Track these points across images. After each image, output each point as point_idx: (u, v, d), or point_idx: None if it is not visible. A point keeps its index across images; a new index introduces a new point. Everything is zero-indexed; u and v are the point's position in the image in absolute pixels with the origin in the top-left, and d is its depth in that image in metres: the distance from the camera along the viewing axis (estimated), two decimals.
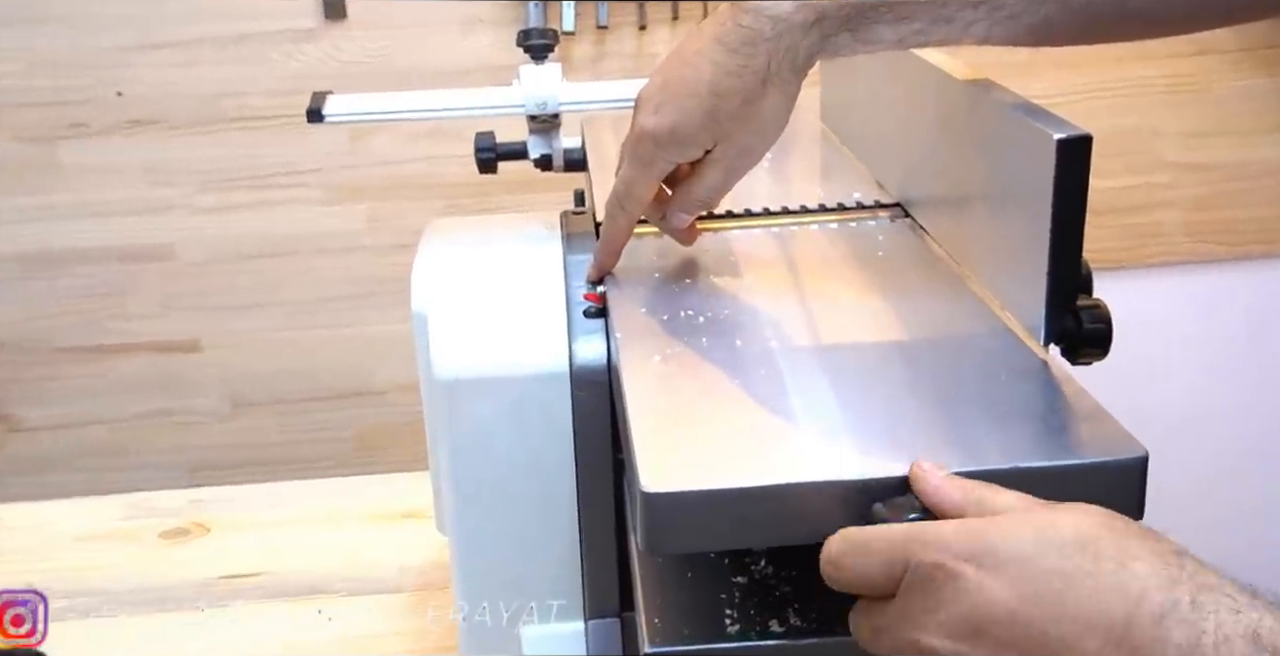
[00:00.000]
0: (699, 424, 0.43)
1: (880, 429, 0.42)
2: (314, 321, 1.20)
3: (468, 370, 0.54)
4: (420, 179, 1.15)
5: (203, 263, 1.17)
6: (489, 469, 0.56)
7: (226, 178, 1.15)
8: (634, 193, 0.53)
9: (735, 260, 0.59)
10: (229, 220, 1.16)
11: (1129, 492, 0.39)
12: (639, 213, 0.55)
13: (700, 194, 0.53)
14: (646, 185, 0.53)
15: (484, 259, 0.61)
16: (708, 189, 0.53)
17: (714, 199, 0.54)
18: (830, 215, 0.64)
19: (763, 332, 0.50)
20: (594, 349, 0.54)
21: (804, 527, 0.39)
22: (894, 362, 0.47)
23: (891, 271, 0.56)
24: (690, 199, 0.54)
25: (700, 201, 0.54)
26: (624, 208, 0.54)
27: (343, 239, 1.17)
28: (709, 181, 0.53)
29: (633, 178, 0.53)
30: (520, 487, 0.56)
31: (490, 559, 0.57)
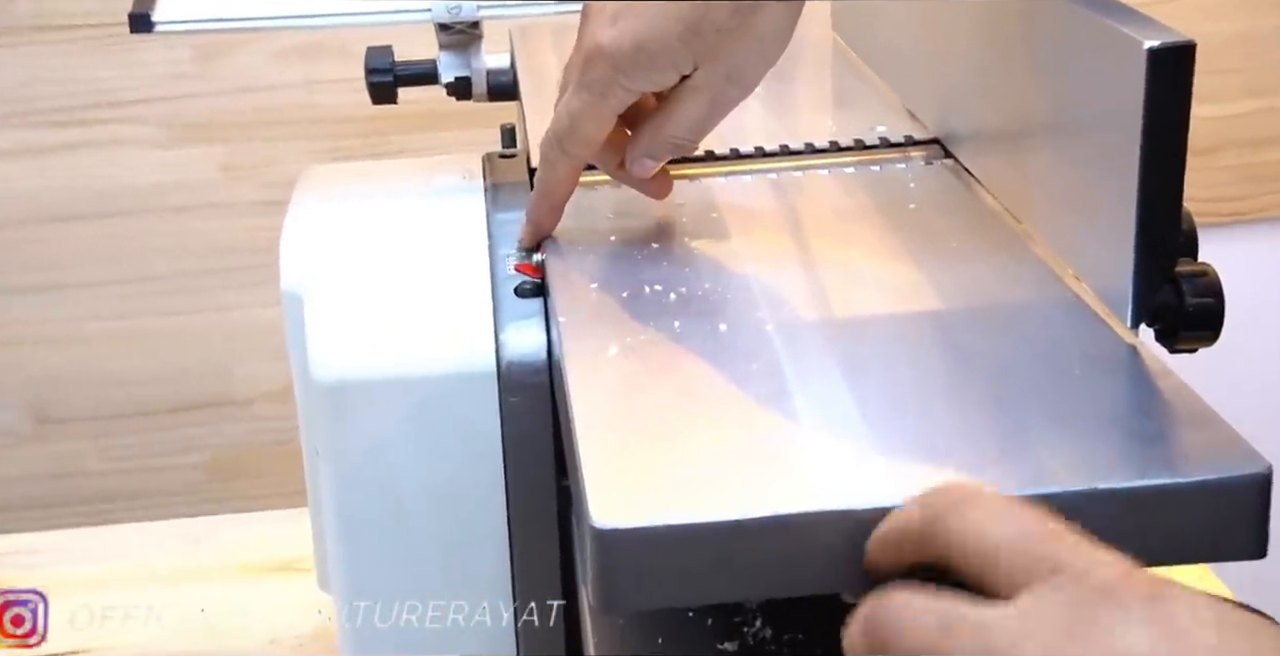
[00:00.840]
0: (669, 437, 0.43)
1: (911, 440, 0.42)
2: (148, 306, 1.19)
3: (356, 369, 0.54)
4: (293, 112, 1.14)
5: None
6: (387, 503, 0.55)
7: (23, 110, 1.13)
8: (581, 131, 0.53)
9: (719, 217, 0.59)
10: (26, 169, 1.14)
11: (1247, 520, 0.39)
12: (586, 157, 0.54)
13: (674, 132, 0.53)
14: (598, 121, 0.52)
15: (378, 219, 0.61)
16: (684, 126, 0.53)
17: (692, 139, 0.54)
18: (846, 156, 0.64)
19: (756, 313, 0.50)
20: (529, 339, 0.54)
21: (812, 575, 0.39)
22: (930, 350, 0.48)
23: (927, 229, 0.56)
24: (660, 139, 0.53)
25: (673, 143, 0.54)
26: (566, 150, 0.54)
27: (187, 193, 1.16)
28: (686, 116, 0.52)
29: (580, 111, 0.52)
30: (430, 528, 0.56)
31: (390, 626, 0.57)
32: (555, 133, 0.54)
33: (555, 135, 0.54)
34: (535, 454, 0.54)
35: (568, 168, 0.54)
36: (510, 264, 0.56)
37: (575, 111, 0.52)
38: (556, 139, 0.54)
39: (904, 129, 0.65)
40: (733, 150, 0.64)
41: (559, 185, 0.55)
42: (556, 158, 0.54)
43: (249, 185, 1.12)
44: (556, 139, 0.54)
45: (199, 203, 1.13)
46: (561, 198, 0.56)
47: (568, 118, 0.53)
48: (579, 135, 0.53)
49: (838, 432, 0.43)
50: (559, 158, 0.54)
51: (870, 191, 0.61)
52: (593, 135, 0.53)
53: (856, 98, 0.72)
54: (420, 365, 0.54)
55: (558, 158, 0.54)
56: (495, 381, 0.54)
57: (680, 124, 0.52)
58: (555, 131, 0.54)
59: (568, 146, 0.53)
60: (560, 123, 0.53)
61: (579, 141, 0.53)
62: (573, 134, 0.53)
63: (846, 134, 0.65)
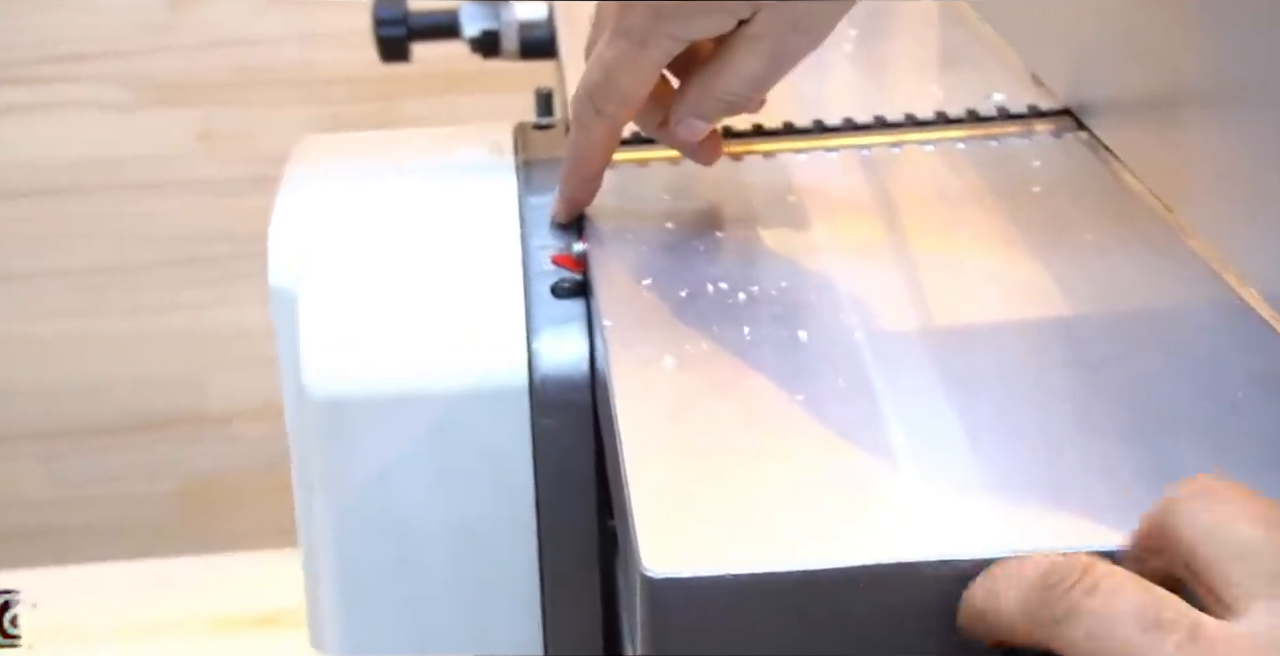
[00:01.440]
0: (734, 469, 0.43)
1: (1030, 475, 0.42)
2: (106, 302, 1.21)
3: (359, 383, 0.55)
4: (285, 71, 1.16)
5: None
6: (395, 544, 0.56)
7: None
8: (617, 86, 0.53)
9: (798, 200, 0.59)
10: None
11: None
12: (625, 116, 0.55)
13: (727, 89, 0.54)
14: (638, 74, 0.53)
15: (387, 202, 0.62)
16: (740, 82, 0.53)
17: (749, 97, 0.55)
18: (955, 129, 0.64)
19: (842, 318, 0.51)
20: (567, 348, 0.54)
21: (898, 636, 0.39)
22: (1055, 366, 0.48)
23: (1054, 217, 0.57)
24: (711, 96, 0.54)
25: (727, 101, 0.54)
26: (601, 109, 0.54)
27: (158, 168, 1.18)
28: (743, 70, 0.53)
29: (616, 62, 0.53)
30: (446, 574, 0.57)
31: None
32: (588, 87, 0.54)
33: (588, 90, 0.54)
34: (574, 486, 0.55)
35: (604, 129, 0.55)
36: (546, 257, 0.57)
37: (610, 63, 0.53)
38: (589, 95, 0.54)
39: (1027, 96, 0.66)
40: (816, 122, 0.65)
41: (594, 150, 0.56)
42: (590, 118, 0.55)
43: (231, 158, 1.14)
44: (589, 95, 0.54)
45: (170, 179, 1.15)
46: (598, 165, 0.57)
47: (602, 70, 0.53)
48: (615, 91, 0.53)
49: (939, 465, 0.43)
50: (593, 118, 0.54)
51: (984, 171, 0.61)
52: (631, 91, 0.53)
53: (968, 58, 0.72)
54: (436, 378, 0.55)
55: (591, 118, 0.55)
56: (526, 398, 0.54)
57: (735, 79, 0.53)
58: (588, 86, 0.54)
59: (602, 104, 0.54)
60: (593, 76, 0.54)
61: (615, 98, 0.54)
62: (608, 89, 0.53)
63: (956, 103, 0.65)
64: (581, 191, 0.57)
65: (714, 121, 0.56)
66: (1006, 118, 0.65)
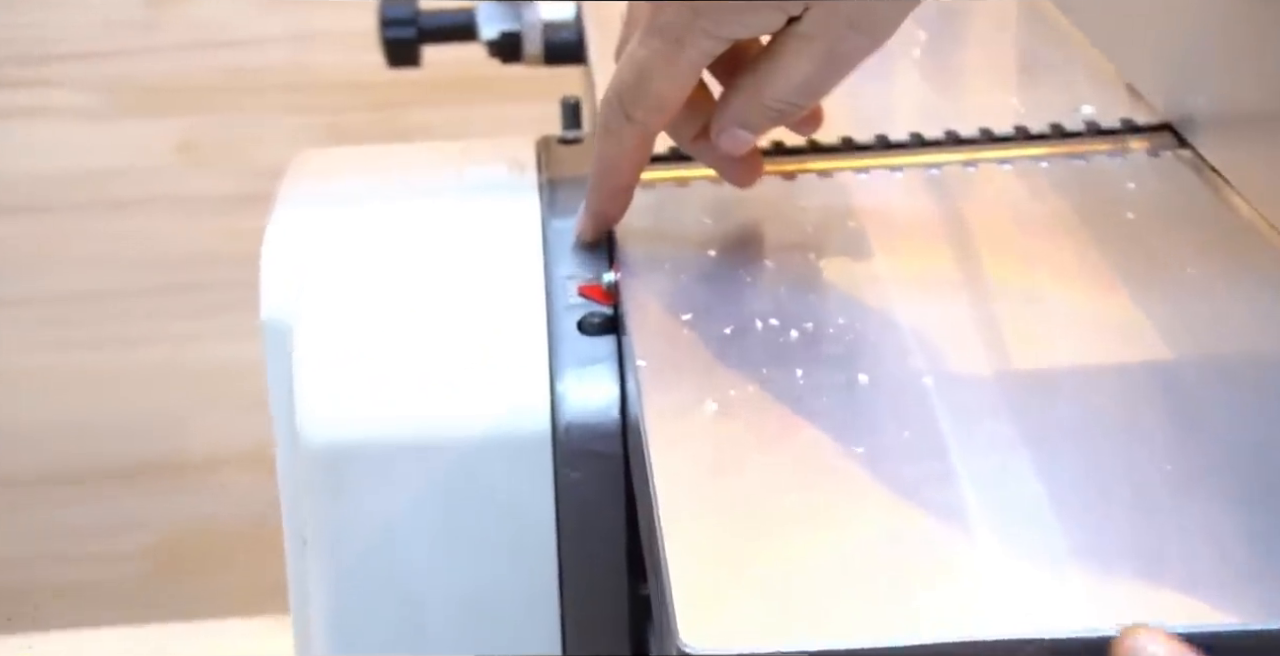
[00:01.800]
0: (785, 533, 0.43)
1: (1123, 543, 0.42)
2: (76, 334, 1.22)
3: (361, 429, 0.55)
4: (279, 76, 1.17)
5: None
6: (400, 610, 0.57)
7: None
8: (650, 90, 0.53)
9: (858, 226, 0.60)
10: None
11: None
12: (659, 124, 0.55)
13: (776, 95, 0.54)
14: (673, 77, 0.53)
15: (393, 225, 0.62)
16: (790, 87, 0.53)
17: (800, 105, 0.55)
18: (1037, 146, 0.65)
19: (908, 361, 0.51)
20: (596, 392, 0.55)
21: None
22: (1153, 418, 0.48)
23: (1150, 247, 0.57)
24: (758, 103, 0.54)
25: (776, 109, 0.54)
26: (632, 115, 0.54)
27: (134, 183, 1.19)
28: (794, 73, 0.53)
29: (649, 63, 0.53)
30: (457, 644, 0.57)
31: None
32: (618, 90, 0.54)
33: (617, 93, 0.54)
34: (602, 548, 0.55)
35: (635, 138, 0.55)
36: (572, 288, 0.58)
37: (643, 63, 0.53)
38: (619, 98, 0.54)
39: (1121, 109, 0.66)
40: (879, 137, 0.65)
41: (623, 160, 0.56)
42: (619, 124, 0.55)
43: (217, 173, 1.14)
44: (619, 98, 0.54)
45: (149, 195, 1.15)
46: (628, 177, 0.57)
47: (634, 71, 0.53)
48: (648, 95, 0.53)
49: (1018, 531, 0.43)
50: (622, 124, 0.55)
51: (1071, 194, 0.61)
52: (666, 95, 0.54)
53: (1053, 65, 0.72)
54: (447, 425, 0.55)
55: (621, 124, 0.55)
56: (549, 448, 0.55)
57: (785, 84, 0.53)
58: (618, 89, 0.54)
59: (633, 109, 0.54)
60: (624, 77, 0.54)
61: (648, 104, 0.54)
62: (640, 93, 0.54)
63: (1039, 116, 0.66)
64: (610, 206, 0.58)
65: (760, 132, 0.56)
66: (1097, 133, 0.65)
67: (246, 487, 1.20)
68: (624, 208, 0.58)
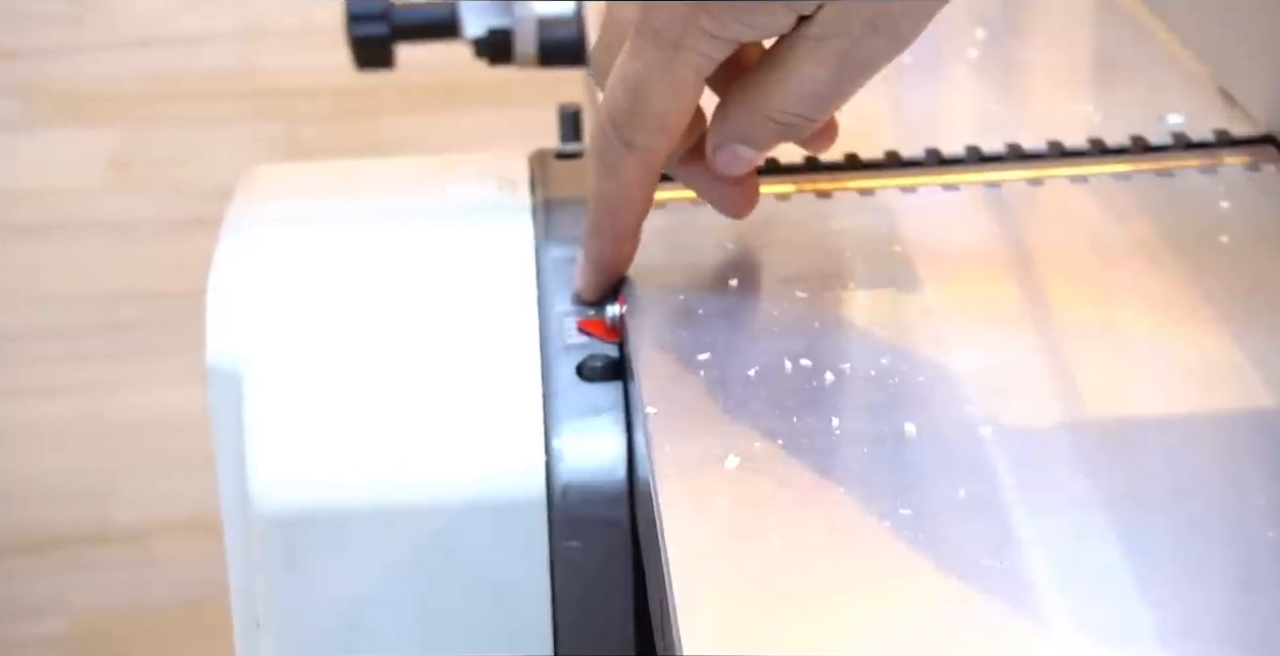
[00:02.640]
0: (818, 612, 0.43)
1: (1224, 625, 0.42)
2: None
3: (323, 495, 0.56)
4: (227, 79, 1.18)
5: None
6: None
7: None
8: (650, 107, 0.54)
9: (904, 251, 0.60)
10: None
11: None
12: (665, 148, 0.55)
13: (784, 106, 0.54)
14: (676, 89, 0.54)
15: (361, 255, 0.62)
16: (802, 96, 0.54)
17: (811, 118, 0.55)
18: (1116, 163, 0.65)
19: (962, 408, 0.51)
20: (598, 448, 0.55)
21: None
22: (1253, 475, 0.48)
23: (1248, 275, 0.57)
24: (762, 115, 0.55)
25: (782, 122, 0.55)
26: (632, 142, 0.55)
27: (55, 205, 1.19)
28: (805, 80, 0.53)
29: (646, 76, 0.53)
30: None
31: None
32: (610, 115, 0.55)
33: (611, 119, 0.55)
34: (606, 633, 0.56)
35: (638, 169, 0.55)
36: (571, 325, 0.58)
37: (638, 77, 0.53)
38: (613, 125, 0.55)
39: (1213, 119, 0.66)
40: (930, 152, 0.65)
41: (627, 198, 0.56)
42: (617, 155, 0.55)
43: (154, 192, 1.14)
44: (613, 125, 0.55)
45: (73, 219, 1.16)
46: (633, 218, 0.57)
47: (626, 89, 0.54)
48: (647, 116, 0.54)
49: (1093, 608, 0.43)
50: (621, 155, 0.55)
51: (1154, 214, 0.61)
52: (668, 114, 0.54)
53: (1135, 68, 0.72)
54: (423, 489, 0.55)
55: (620, 155, 0.55)
56: (543, 514, 0.55)
57: (794, 93, 0.54)
58: (610, 113, 0.55)
59: (632, 135, 0.54)
60: (616, 99, 0.54)
61: (649, 126, 0.54)
62: (637, 114, 0.54)
63: (1118, 127, 0.66)
64: (614, 254, 0.58)
65: (763, 150, 0.56)
66: (1186, 147, 0.65)
67: (183, 562, 1.20)
68: (631, 254, 0.58)
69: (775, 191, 0.64)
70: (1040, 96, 0.73)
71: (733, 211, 0.59)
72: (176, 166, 1.18)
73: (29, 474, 1.21)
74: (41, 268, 1.18)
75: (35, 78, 1.16)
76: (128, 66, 1.16)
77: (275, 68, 1.17)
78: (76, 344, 1.19)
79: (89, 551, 1.21)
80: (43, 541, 1.22)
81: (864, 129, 0.66)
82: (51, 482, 1.20)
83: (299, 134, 1.17)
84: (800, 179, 0.65)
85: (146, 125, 1.17)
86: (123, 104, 1.17)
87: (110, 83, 1.16)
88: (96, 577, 1.21)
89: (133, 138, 1.18)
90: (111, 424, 1.20)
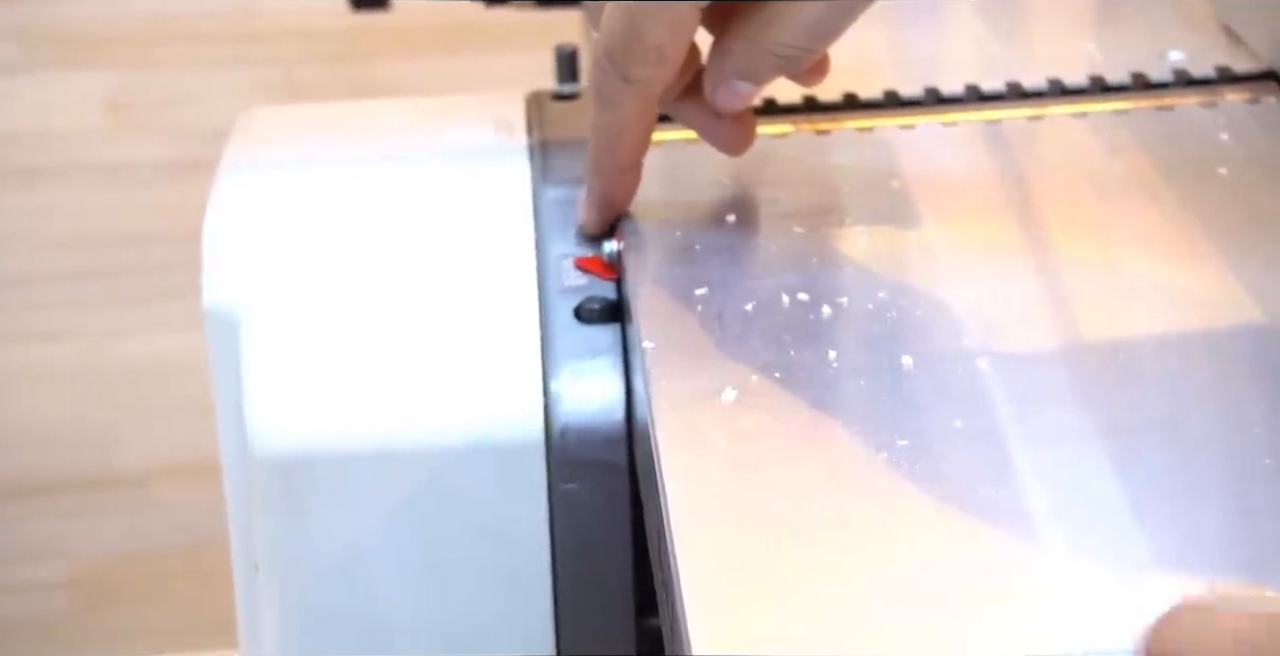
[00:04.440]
0: (818, 547, 0.43)
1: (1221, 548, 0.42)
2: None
3: (321, 437, 0.56)
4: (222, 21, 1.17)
5: None
6: (370, 649, 0.57)
7: None
8: (646, 38, 0.54)
9: (901, 186, 0.60)
10: None
11: None
12: (664, 80, 0.55)
13: (781, 38, 0.54)
14: (673, 21, 0.54)
15: (358, 197, 0.62)
16: (801, 28, 0.54)
17: (811, 50, 0.55)
18: (1118, 98, 0.65)
19: (960, 340, 0.51)
20: (597, 390, 0.55)
21: None
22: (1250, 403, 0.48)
23: (1246, 207, 0.57)
24: (761, 48, 0.55)
25: (782, 54, 0.55)
26: (630, 75, 0.55)
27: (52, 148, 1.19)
28: (805, 11, 0.53)
29: (642, 8, 0.53)
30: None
31: None
32: (607, 48, 0.55)
33: (607, 52, 0.55)
34: (604, 574, 0.56)
35: (637, 102, 0.56)
36: (568, 268, 0.58)
37: (634, 10, 0.53)
38: (610, 59, 0.55)
39: (1215, 55, 0.66)
40: (929, 91, 0.65)
41: (626, 131, 0.56)
42: (616, 89, 0.55)
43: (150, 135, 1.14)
44: (610, 59, 0.55)
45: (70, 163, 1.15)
46: (633, 151, 0.57)
47: (623, 21, 0.54)
48: (644, 47, 0.54)
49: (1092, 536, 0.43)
50: (620, 88, 0.55)
51: (1152, 147, 0.61)
52: (666, 44, 0.54)
53: (1136, 5, 0.72)
54: (422, 432, 0.56)
55: (618, 89, 0.55)
56: (542, 457, 0.55)
57: (794, 25, 0.54)
58: (606, 46, 0.55)
59: (630, 68, 0.54)
60: (612, 31, 0.54)
61: (646, 58, 0.54)
62: (634, 46, 0.54)
63: (1119, 64, 0.66)
64: (615, 188, 0.58)
65: (762, 84, 0.56)
66: (1187, 84, 0.65)
67: (184, 505, 1.20)
68: (633, 189, 0.58)
69: (773, 131, 0.63)
70: (1040, 34, 0.72)
71: (730, 148, 0.59)
72: (174, 109, 1.17)
73: (29, 419, 1.21)
74: (40, 211, 1.18)
75: (32, 20, 1.16)
76: (125, 9, 1.16)
77: (272, 10, 1.16)
78: (76, 288, 1.19)
79: (89, 496, 1.21)
80: (43, 486, 1.22)
81: (863, 68, 0.66)
82: (51, 427, 1.21)
83: (296, 76, 1.17)
84: (799, 119, 0.64)
85: (144, 68, 1.17)
86: (120, 46, 1.16)
87: (107, 25, 1.16)
88: (97, 522, 1.21)
89: (130, 80, 1.17)
90: (112, 368, 1.20)
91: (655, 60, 0.54)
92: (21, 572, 1.22)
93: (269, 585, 0.58)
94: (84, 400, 1.20)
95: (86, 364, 1.20)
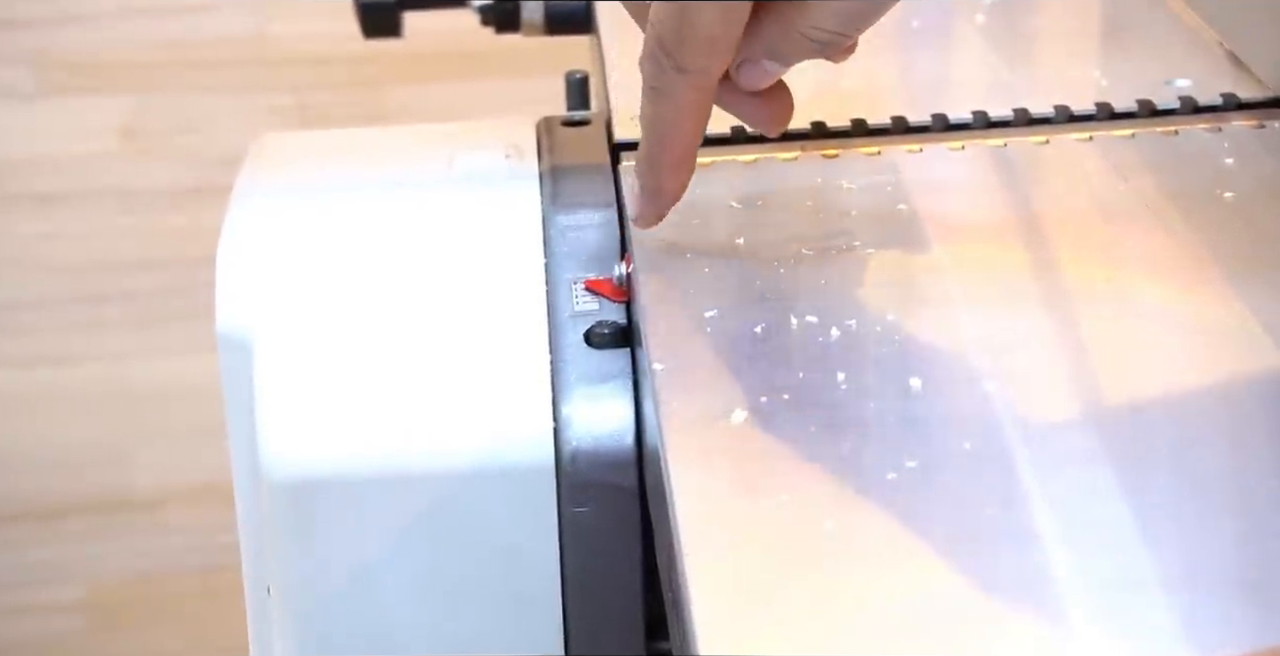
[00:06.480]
0: (828, 570, 0.43)
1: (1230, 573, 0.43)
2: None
3: (333, 462, 0.56)
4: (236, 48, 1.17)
5: None
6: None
7: None
8: (698, 26, 0.53)
9: (909, 210, 0.60)
10: None
11: None
12: (718, 70, 0.55)
13: (818, 21, 0.54)
14: (724, 10, 0.53)
15: (370, 222, 0.63)
16: (836, 13, 0.54)
17: (844, 35, 0.55)
18: (1125, 124, 0.65)
19: (968, 363, 0.51)
20: (607, 414, 0.55)
21: None
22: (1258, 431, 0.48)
23: (1253, 234, 0.57)
24: (796, 32, 0.55)
25: (817, 38, 0.55)
26: (683, 64, 0.55)
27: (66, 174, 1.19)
28: (839, 1, 0.53)
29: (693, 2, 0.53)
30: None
31: None
32: (659, 39, 0.54)
33: (659, 43, 0.54)
34: (614, 598, 0.56)
35: (690, 92, 0.55)
36: (578, 292, 0.58)
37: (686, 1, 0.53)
38: (662, 49, 0.54)
39: (1221, 82, 0.66)
40: (937, 117, 0.65)
41: (681, 122, 0.56)
42: (669, 80, 0.55)
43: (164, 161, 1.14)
44: (662, 49, 0.54)
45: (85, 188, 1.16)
46: (688, 142, 0.57)
47: (672, 11, 0.54)
48: (696, 36, 0.54)
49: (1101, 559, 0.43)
50: (674, 79, 0.55)
51: (1158, 172, 0.61)
52: (718, 32, 0.54)
53: (1142, 31, 0.72)
54: (433, 456, 0.56)
55: (671, 79, 0.55)
56: (553, 482, 0.55)
57: (829, 12, 0.53)
58: (658, 36, 0.54)
59: (683, 58, 0.54)
60: (663, 21, 0.54)
61: (699, 48, 0.54)
62: (686, 35, 0.54)
63: (1125, 91, 0.66)
64: (670, 180, 0.58)
65: (790, 65, 0.56)
66: (1193, 111, 0.65)
67: (197, 528, 1.20)
68: (687, 180, 0.58)
69: (783, 156, 0.64)
70: (1048, 61, 0.73)
71: (768, 126, 0.59)
72: (188, 135, 1.18)
73: (43, 442, 1.21)
74: (54, 236, 1.18)
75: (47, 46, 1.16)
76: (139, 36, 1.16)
77: (285, 37, 1.17)
78: (90, 312, 1.19)
79: (103, 519, 1.21)
80: (57, 509, 1.22)
81: (872, 94, 0.66)
82: (67, 450, 1.21)
83: (308, 102, 1.17)
84: (807, 144, 0.65)
85: (157, 94, 1.17)
86: (134, 73, 1.17)
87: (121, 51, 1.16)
88: (111, 545, 1.21)
89: (144, 107, 1.18)
90: (125, 392, 1.20)
91: (707, 48, 0.54)
92: (36, 594, 1.22)
93: (281, 607, 0.58)
94: (98, 423, 1.20)
95: (100, 387, 1.20)
